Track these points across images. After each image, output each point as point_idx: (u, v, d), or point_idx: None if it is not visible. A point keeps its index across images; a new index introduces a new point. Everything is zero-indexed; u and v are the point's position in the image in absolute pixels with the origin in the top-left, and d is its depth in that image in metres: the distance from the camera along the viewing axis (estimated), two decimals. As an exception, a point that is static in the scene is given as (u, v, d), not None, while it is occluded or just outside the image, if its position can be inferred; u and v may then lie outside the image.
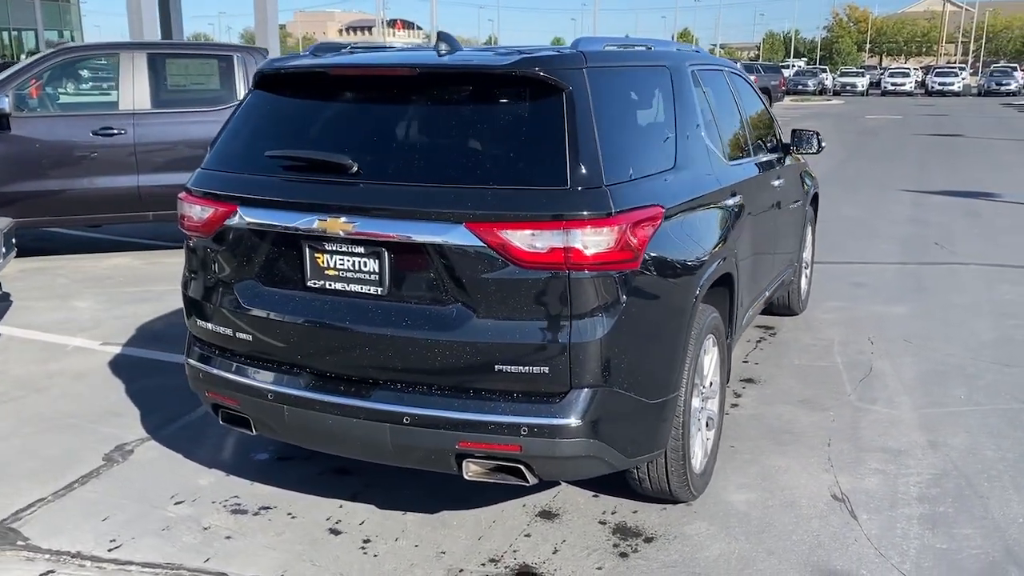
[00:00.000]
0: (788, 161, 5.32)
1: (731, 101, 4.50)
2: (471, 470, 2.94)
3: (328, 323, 3.00)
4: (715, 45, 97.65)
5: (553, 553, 3.24)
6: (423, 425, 2.88)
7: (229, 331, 3.22)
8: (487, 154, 2.86)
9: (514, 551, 3.25)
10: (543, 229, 2.71)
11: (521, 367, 2.79)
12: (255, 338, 3.16)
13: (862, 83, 53.54)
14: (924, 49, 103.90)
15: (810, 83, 49.66)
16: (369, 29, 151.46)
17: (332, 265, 3.00)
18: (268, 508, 3.56)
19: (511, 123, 2.89)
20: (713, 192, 3.62)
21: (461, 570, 3.14)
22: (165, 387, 4.89)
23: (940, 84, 50.94)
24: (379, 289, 2.95)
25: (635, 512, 3.52)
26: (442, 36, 3.29)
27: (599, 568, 3.14)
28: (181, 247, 3.60)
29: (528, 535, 3.37)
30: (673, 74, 3.68)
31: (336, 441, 3.08)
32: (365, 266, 2.95)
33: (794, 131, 5.43)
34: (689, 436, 3.33)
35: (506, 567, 3.16)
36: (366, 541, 3.32)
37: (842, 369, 5.20)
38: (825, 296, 6.79)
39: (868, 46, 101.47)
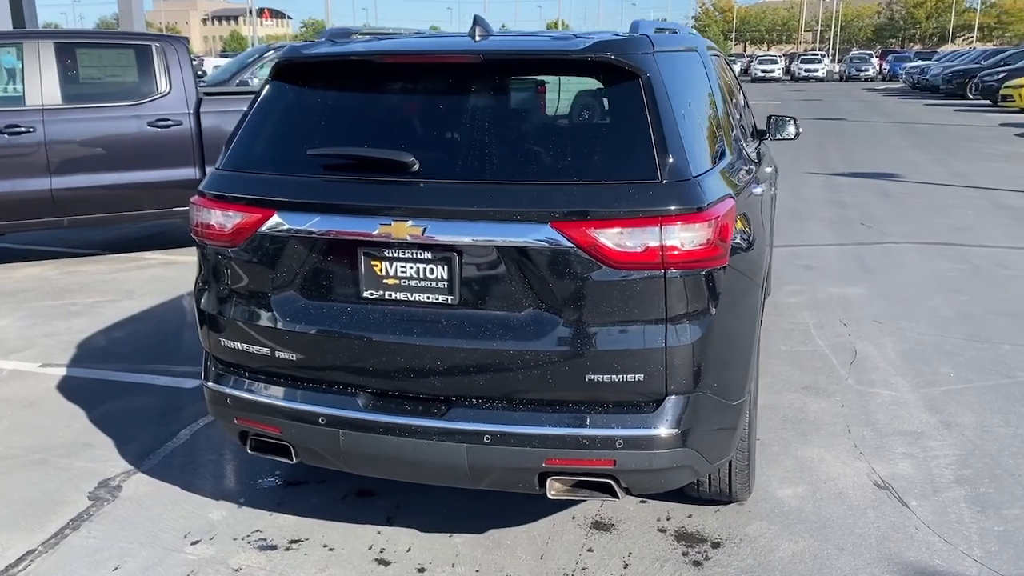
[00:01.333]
0: (763, 147, 5.31)
1: (734, 86, 4.42)
2: (555, 488, 2.72)
3: (390, 337, 2.72)
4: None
5: (624, 567, 3.07)
6: (506, 443, 2.64)
7: (265, 350, 2.88)
8: (566, 147, 2.65)
9: (583, 569, 3.06)
10: (638, 226, 2.52)
11: (614, 375, 2.60)
12: (299, 357, 2.83)
13: (735, 70, 55.39)
14: (784, 37, 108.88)
15: None
16: (235, 19, 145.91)
17: (392, 273, 2.72)
18: (299, 541, 3.24)
19: (588, 112, 2.69)
20: (749, 180, 3.52)
21: (535, 594, 2.93)
22: (131, 411, 4.44)
23: (805, 71, 53.19)
24: (449, 298, 2.68)
25: (690, 516, 3.39)
26: (477, 20, 3.04)
27: (678, 580, 3.00)
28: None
29: (591, 550, 3.18)
30: (703, 58, 3.55)
31: (402, 465, 2.80)
32: (432, 273, 2.68)
33: (770, 117, 5.42)
34: (754, 435, 3.22)
35: (581, 587, 2.97)
36: (421, 570, 3.06)
37: (828, 353, 5.23)
38: (781, 279, 6.87)
39: (734, 35, 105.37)
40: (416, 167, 2.65)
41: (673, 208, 2.53)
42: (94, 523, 3.37)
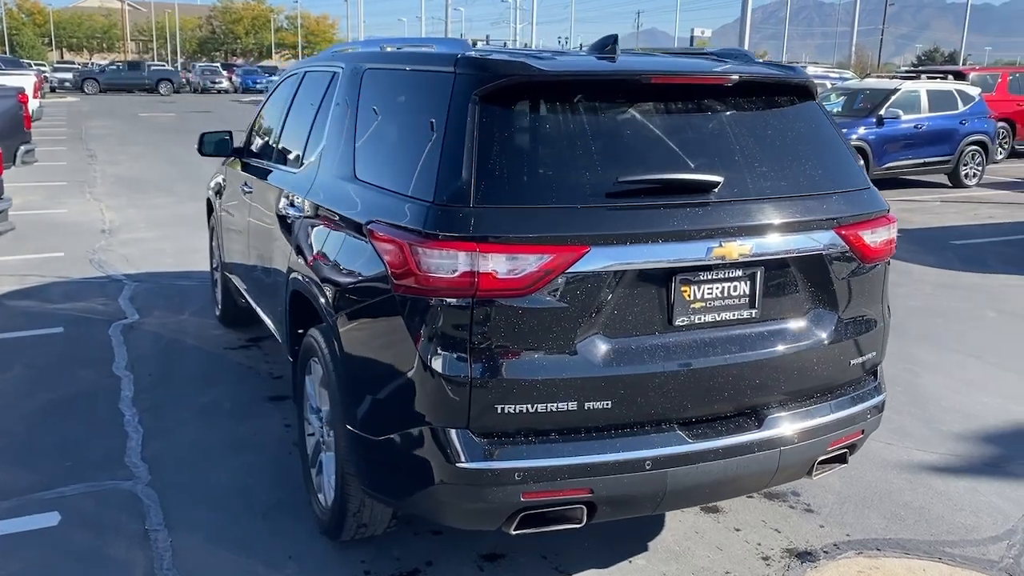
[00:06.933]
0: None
1: None
2: (819, 470, 3.00)
3: (707, 360, 2.66)
4: None
5: (777, 532, 3.45)
6: (811, 437, 2.85)
7: (568, 404, 2.50)
8: (810, 160, 2.90)
9: (758, 544, 3.37)
10: (881, 225, 2.98)
11: (863, 356, 3.02)
12: (610, 402, 2.54)
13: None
14: (107, 45, 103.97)
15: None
16: None
17: (699, 297, 2.66)
18: (522, 623, 2.84)
19: (807, 130, 2.98)
20: None
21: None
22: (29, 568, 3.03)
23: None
24: (753, 312, 2.75)
25: (746, 480, 3.88)
26: (612, 39, 3.08)
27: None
28: None
29: (738, 529, 3.47)
30: None
31: (723, 487, 2.77)
32: (735, 290, 2.71)
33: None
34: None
35: (782, 563, 3.28)
36: (663, 598, 3.00)
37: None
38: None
39: (53, 41, 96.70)
40: (718, 187, 2.65)
41: (887, 209, 3.06)
42: None
